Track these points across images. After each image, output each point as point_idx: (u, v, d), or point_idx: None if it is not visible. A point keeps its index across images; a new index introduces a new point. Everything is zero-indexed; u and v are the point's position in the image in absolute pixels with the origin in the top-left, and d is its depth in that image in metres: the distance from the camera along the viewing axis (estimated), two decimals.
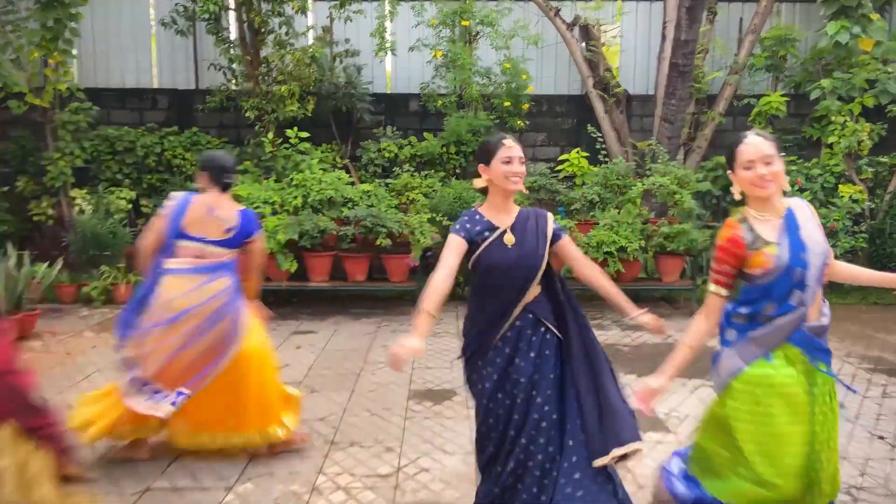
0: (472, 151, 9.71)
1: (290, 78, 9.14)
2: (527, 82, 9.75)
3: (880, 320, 7.61)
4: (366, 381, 5.22)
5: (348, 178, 8.35)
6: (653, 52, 10.84)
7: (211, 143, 10.03)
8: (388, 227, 7.30)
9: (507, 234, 2.81)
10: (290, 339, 6.45)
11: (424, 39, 9.70)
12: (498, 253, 2.78)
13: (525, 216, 2.90)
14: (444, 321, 7.31)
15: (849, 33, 7.66)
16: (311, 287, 7.52)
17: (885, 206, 9.14)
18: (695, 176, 7.98)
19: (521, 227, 2.86)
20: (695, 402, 4.88)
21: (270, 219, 7.40)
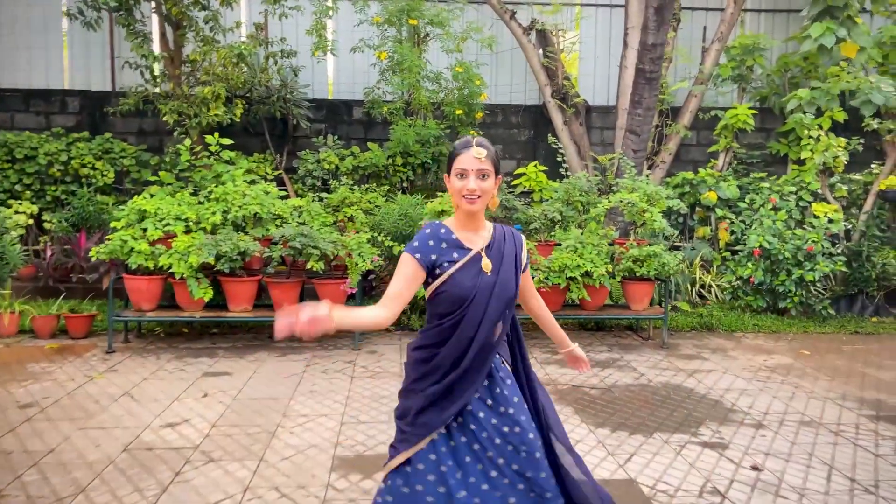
0: (420, 164, 8.81)
1: (216, 79, 8.09)
2: (480, 89, 8.92)
3: (864, 352, 6.94)
4: (280, 445, 4.21)
5: (279, 192, 7.33)
6: (613, 60, 10.16)
7: (126, 151, 8.89)
8: (322, 248, 6.31)
9: (483, 259, 2.32)
10: (197, 384, 5.39)
11: (368, 40, 8.78)
12: (470, 281, 2.27)
13: (500, 234, 2.42)
14: (384, 356, 6.34)
15: (834, 35, 7.02)
16: (229, 318, 6.45)
17: (861, 226, 8.56)
18: (665, 192, 7.22)
19: (498, 249, 2.37)
20: (683, 468, 4.01)
21: (183, 238, 6.33)
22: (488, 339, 2.29)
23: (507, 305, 2.34)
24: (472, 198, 2.25)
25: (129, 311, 6.55)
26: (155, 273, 6.38)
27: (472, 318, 2.26)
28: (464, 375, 2.28)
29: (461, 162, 2.27)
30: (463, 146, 2.29)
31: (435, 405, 2.29)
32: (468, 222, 2.34)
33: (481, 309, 2.27)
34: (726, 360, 6.47)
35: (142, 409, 4.80)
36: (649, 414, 4.94)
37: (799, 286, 7.90)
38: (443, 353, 2.29)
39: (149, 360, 6.03)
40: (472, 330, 2.26)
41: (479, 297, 2.26)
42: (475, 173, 2.25)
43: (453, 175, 2.28)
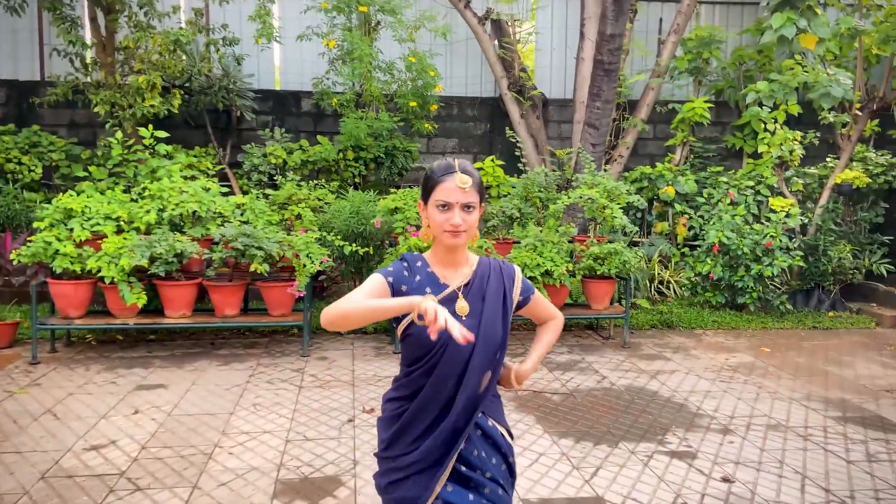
0: (373, 158, 8.44)
1: (151, 67, 7.57)
2: (435, 80, 8.59)
3: (824, 348, 6.87)
4: (217, 469, 3.82)
5: (221, 188, 6.88)
6: (570, 52, 9.94)
7: (55, 145, 8.29)
8: (266, 248, 5.90)
9: (459, 301, 1.94)
10: (128, 399, 4.94)
11: (316, 27, 8.36)
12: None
13: (485, 271, 2.04)
14: (335, 362, 5.98)
15: (795, 26, 6.90)
16: (166, 325, 6.00)
17: (817, 220, 8.53)
18: (625, 188, 7.02)
19: (478, 288, 2.00)
20: (652, 482, 3.78)
21: (113, 239, 5.84)
22: (472, 396, 1.91)
23: (495, 354, 1.96)
24: (455, 233, 1.91)
25: (55, 318, 6.04)
26: (83, 277, 5.89)
27: (446, 369, 1.90)
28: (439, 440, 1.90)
29: (443, 192, 1.90)
30: (444, 171, 1.92)
31: (409, 479, 1.92)
32: (447, 257, 1.99)
33: (460, 359, 1.89)
34: (688, 360, 6.31)
35: (64, 430, 4.36)
36: (614, 420, 4.71)
37: (757, 281, 7.82)
38: (413, 408, 1.93)
39: (76, 372, 5.55)
40: (448, 383, 1.90)
41: (453, 347, 1.86)
42: (460, 207, 1.90)
43: (432, 205, 1.92)
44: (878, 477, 3.90)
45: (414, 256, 2.03)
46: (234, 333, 6.91)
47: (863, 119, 8.50)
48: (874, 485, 3.79)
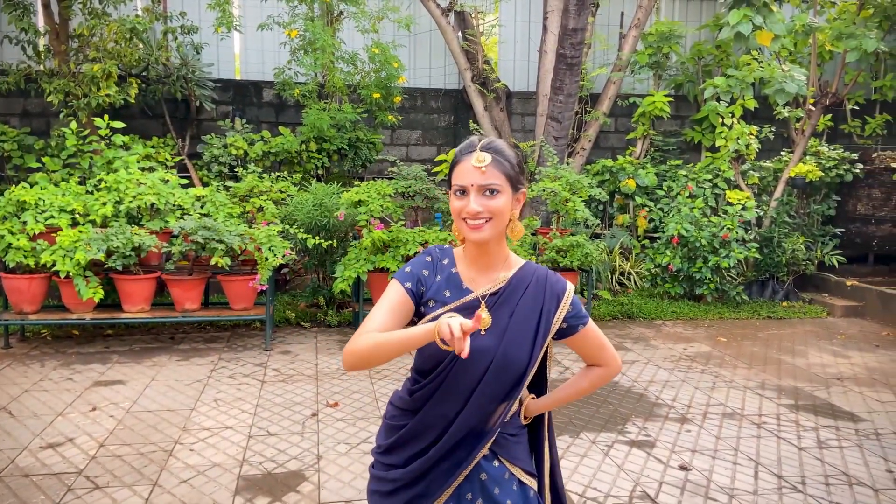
0: (336, 150, 8.37)
1: (106, 55, 7.38)
2: (398, 72, 8.54)
3: (778, 338, 7.07)
4: (178, 466, 3.78)
5: (180, 180, 6.76)
6: (533, 45, 9.99)
7: (7, 135, 8.03)
8: (227, 242, 5.82)
9: (481, 311, 1.43)
10: (85, 395, 4.84)
11: (277, 17, 8.24)
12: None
13: (524, 280, 1.68)
14: (298, 356, 5.95)
15: (751, 23, 7.05)
16: (124, 319, 5.89)
17: (772, 213, 8.75)
18: (587, 181, 7.10)
19: (510, 300, 1.65)
20: (612, 471, 3.85)
21: (68, 232, 5.70)
22: (474, 426, 1.65)
23: (514, 385, 1.64)
24: (475, 222, 1.59)
25: (8, 313, 5.87)
26: (37, 271, 5.74)
27: (452, 389, 1.64)
28: (433, 468, 1.67)
29: (459, 174, 1.62)
30: (464, 151, 1.64)
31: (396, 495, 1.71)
32: (477, 256, 1.68)
33: (469, 380, 1.62)
34: (648, 350, 6.43)
35: (20, 428, 4.25)
36: (576, 411, 4.78)
37: (715, 273, 7.99)
38: (411, 425, 1.70)
39: (32, 369, 5.42)
40: (450, 406, 1.64)
41: (467, 364, 1.58)
42: (476, 189, 1.59)
43: (452, 191, 1.64)
44: (829, 463, 4.04)
45: (443, 251, 1.75)
46: (194, 328, 6.81)
47: (816, 114, 8.73)
48: (824, 470, 3.93)
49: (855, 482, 3.79)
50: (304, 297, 7.54)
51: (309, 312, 7.22)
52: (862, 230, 9.16)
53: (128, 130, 7.55)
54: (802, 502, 3.54)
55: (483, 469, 1.68)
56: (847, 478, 3.84)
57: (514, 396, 1.66)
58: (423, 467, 1.66)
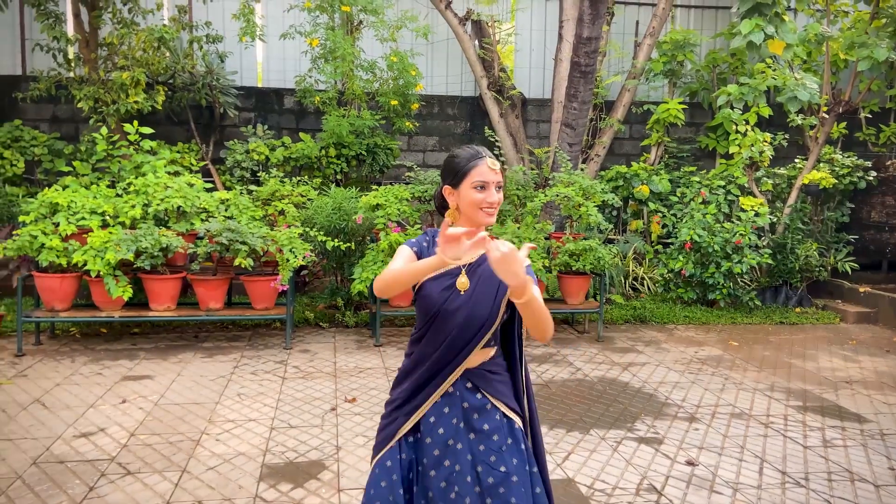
0: (354, 155, 8.58)
1: (135, 63, 7.65)
2: (416, 79, 8.74)
3: (789, 343, 7.15)
4: (205, 454, 3.97)
5: (205, 184, 6.99)
6: (549, 52, 10.16)
7: (37, 140, 8.33)
8: (250, 243, 6.03)
9: (461, 276, 2.11)
10: (115, 389, 5.06)
11: (299, 26, 8.47)
12: (438, 294, 2.11)
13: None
14: (317, 355, 6.13)
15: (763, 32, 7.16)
16: (151, 317, 6.11)
17: (785, 219, 8.82)
18: (600, 186, 7.24)
19: (480, 270, 2.14)
20: (620, 465, 3.99)
21: (99, 233, 5.94)
22: (448, 361, 2.11)
23: (480, 328, 2.10)
24: (491, 210, 2.12)
25: (40, 311, 6.12)
26: (68, 270, 5.98)
27: (437, 335, 2.12)
28: (420, 387, 2.15)
29: (480, 174, 2.11)
30: (474, 157, 2.13)
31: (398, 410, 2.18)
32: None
33: (449, 328, 2.10)
34: (659, 353, 6.54)
35: (53, 418, 4.47)
36: (586, 409, 4.92)
37: (727, 278, 8.09)
38: (408, 363, 2.21)
39: (62, 364, 5.65)
40: (435, 347, 2.12)
41: (448, 316, 2.09)
42: (494, 185, 2.12)
43: (469, 187, 2.11)
44: (833, 461, 4.14)
45: (436, 232, 2.17)
46: (217, 327, 7.03)
47: (829, 122, 8.81)
48: (828, 468, 4.04)
49: (857, 478, 3.89)
50: (322, 299, 7.74)
51: (327, 313, 7.42)
52: (876, 237, 9.21)
53: (154, 136, 7.80)
54: (804, 496, 3.65)
55: (466, 399, 2.14)
56: (850, 474, 3.94)
57: (478, 340, 2.11)
58: (412, 387, 2.16)
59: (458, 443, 2.09)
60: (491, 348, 2.16)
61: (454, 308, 2.09)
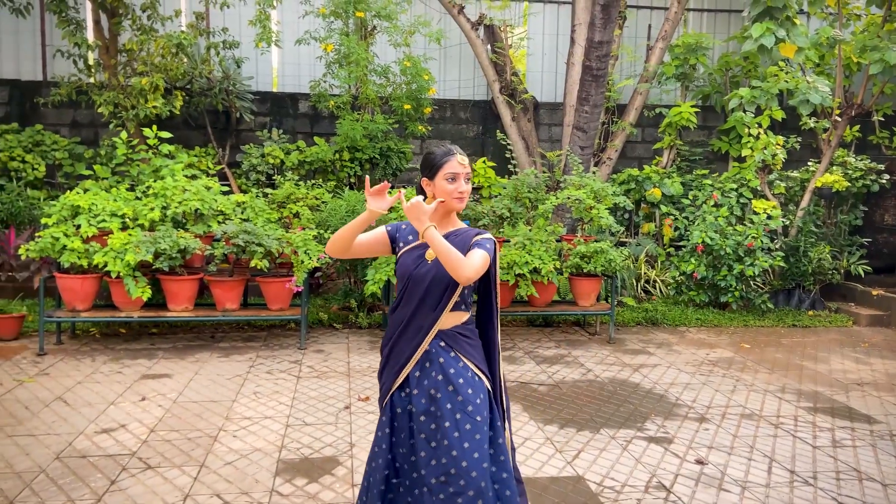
0: (368, 159, 8.69)
1: (154, 69, 7.81)
2: (429, 84, 8.84)
3: (802, 345, 7.16)
4: (223, 450, 4.07)
5: (221, 187, 7.11)
6: (561, 56, 10.23)
7: (58, 144, 8.51)
8: (266, 245, 6.15)
9: (429, 249, 2.51)
10: (135, 387, 5.18)
11: (314, 32, 8.61)
12: (412, 263, 2.54)
13: (459, 234, 2.58)
14: (331, 355, 6.23)
15: (774, 36, 7.20)
16: (169, 318, 6.23)
17: (798, 222, 8.83)
18: (611, 189, 7.29)
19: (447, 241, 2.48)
20: (630, 464, 4.04)
21: (119, 235, 6.07)
22: (423, 321, 2.50)
23: (443, 293, 2.48)
24: (461, 197, 2.50)
25: (61, 311, 6.26)
26: (89, 271, 6.12)
27: (411, 298, 2.52)
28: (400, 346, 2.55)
29: (450, 167, 2.48)
30: (447, 154, 2.50)
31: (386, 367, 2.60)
32: (442, 219, 2.56)
33: (420, 291, 2.50)
34: (671, 355, 6.58)
35: (75, 415, 4.59)
36: (596, 410, 4.97)
37: (739, 281, 8.10)
38: (389, 327, 2.61)
39: (83, 363, 5.78)
40: (411, 309, 2.52)
41: (418, 280, 2.50)
42: (463, 176, 2.50)
43: (442, 179, 2.49)
44: (841, 460, 4.17)
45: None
46: (233, 327, 7.15)
47: (842, 125, 8.80)
48: (836, 467, 4.07)
49: (865, 478, 3.92)
50: (336, 300, 7.84)
51: (341, 315, 7.51)
52: (889, 240, 9.18)
53: (172, 140, 7.96)
54: (812, 495, 3.69)
55: (441, 355, 2.52)
56: (858, 473, 3.97)
57: (447, 300, 2.50)
58: (394, 347, 2.56)
59: (439, 392, 2.47)
60: (463, 313, 2.56)
61: (423, 272, 2.49)
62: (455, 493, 2.36)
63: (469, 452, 2.39)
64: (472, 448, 2.39)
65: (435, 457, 2.41)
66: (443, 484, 2.37)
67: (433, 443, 2.44)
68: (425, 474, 2.42)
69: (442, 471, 2.38)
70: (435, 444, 2.43)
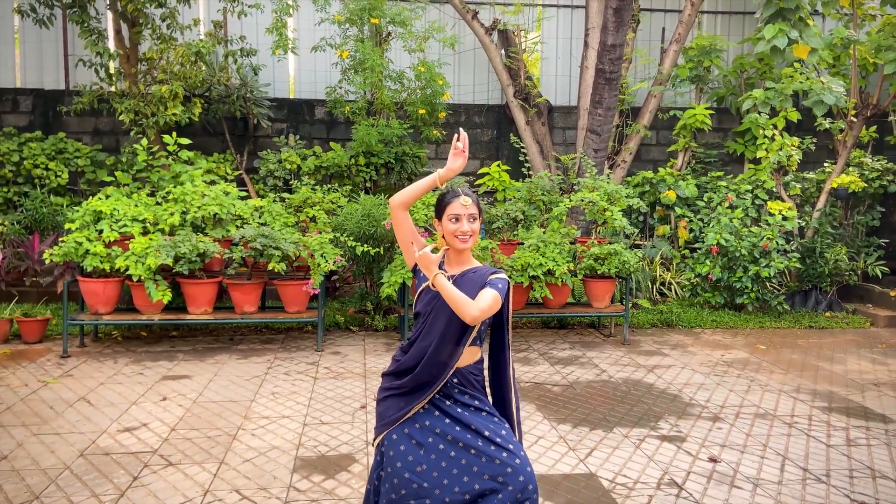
0: (383, 164, 8.79)
1: (173, 77, 7.97)
2: (443, 89, 8.93)
3: (818, 346, 7.13)
4: (242, 448, 4.16)
5: (239, 193, 7.24)
6: (575, 60, 10.28)
7: (80, 151, 8.70)
8: (283, 249, 6.25)
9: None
10: (156, 388, 5.29)
11: (329, 39, 8.73)
12: (428, 298, 2.59)
13: (474, 271, 2.63)
14: (347, 357, 6.31)
15: (786, 37, 7.20)
16: (189, 321, 6.35)
17: (814, 223, 8.79)
18: (625, 191, 7.32)
19: (462, 280, 2.60)
20: (642, 461, 4.08)
21: (140, 239, 6.21)
22: (441, 356, 2.52)
23: (462, 330, 2.51)
24: (464, 238, 2.58)
25: (84, 314, 6.40)
26: (111, 275, 6.26)
27: (430, 333, 2.55)
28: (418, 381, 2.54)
29: (453, 209, 2.57)
30: (452, 196, 2.60)
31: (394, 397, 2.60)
32: (454, 257, 2.65)
33: (438, 326, 2.53)
34: (685, 356, 6.59)
35: (98, 414, 4.70)
36: (610, 409, 5.00)
37: (755, 282, 8.09)
38: (407, 358, 2.60)
39: (105, 365, 5.91)
40: (429, 343, 2.54)
41: (436, 315, 2.54)
42: (466, 217, 2.57)
43: (446, 219, 2.59)
44: (855, 459, 4.18)
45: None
46: (251, 330, 7.26)
47: (857, 125, 8.76)
48: (850, 465, 4.07)
49: (879, 475, 3.92)
50: (352, 303, 7.93)
51: (357, 317, 7.60)
52: None
53: (191, 147, 8.10)
54: (825, 492, 3.70)
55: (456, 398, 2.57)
56: (871, 472, 3.98)
57: (465, 340, 2.53)
58: (411, 382, 2.55)
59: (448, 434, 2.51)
60: (478, 349, 2.62)
61: (441, 308, 2.52)
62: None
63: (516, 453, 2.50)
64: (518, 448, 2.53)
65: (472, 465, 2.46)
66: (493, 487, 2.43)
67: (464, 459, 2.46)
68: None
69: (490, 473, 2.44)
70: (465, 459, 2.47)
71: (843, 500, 3.62)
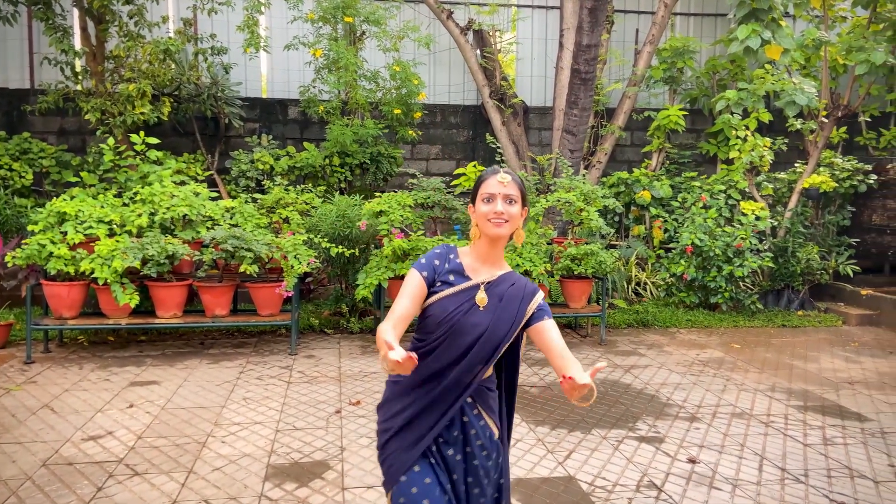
0: (358, 164, 8.68)
1: (141, 75, 7.78)
2: (419, 89, 8.85)
3: (791, 345, 7.18)
4: (211, 456, 4.03)
5: (210, 193, 7.08)
6: (550, 61, 10.27)
7: (45, 152, 8.46)
8: (255, 250, 6.11)
9: (479, 292, 2.14)
10: (123, 394, 5.13)
11: (302, 37, 8.60)
12: (456, 309, 2.13)
13: (511, 279, 2.21)
14: (322, 360, 6.20)
15: (759, 38, 7.25)
16: (158, 325, 6.19)
17: (786, 223, 8.87)
18: (601, 192, 7.30)
19: (500, 290, 2.18)
20: (621, 463, 4.03)
21: (106, 241, 6.03)
22: (462, 379, 2.13)
23: (495, 350, 2.13)
24: (498, 220, 2.13)
25: (49, 319, 6.20)
26: (76, 279, 6.06)
27: (449, 349, 2.12)
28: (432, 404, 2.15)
29: (487, 186, 2.17)
30: (489, 173, 2.21)
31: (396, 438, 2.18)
32: (485, 252, 2.20)
33: (463, 343, 2.11)
34: (661, 356, 6.58)
35: (62, 422, 4.54)
36: (588, 411, 4.96)
37: (729, 282, 8.13)
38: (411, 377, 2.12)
39: (71, 371, 5.73)
40: (447, 362, 2.12)
41: (467, 331, 2.11)
42: (502, 197, 2.14)
43: (479, 200, 2.17)
44: (832, 458, 4.18)
45: (449, 248, 2.24)
46: (223, 333, 7.10)
47: (828, 126, 8.86)
48: (827, 464, 4.07)
49: (857, 475, 3.93)
50: (327, 306, 7.81)
51: (332, 320, 7.48)
52: (877, 240, 9.24)
53: (160, 147, 7.91)
54: (804, 492, 3.69)
55: (465, 413, 2.19)
56: (849, 471, 3.98)
57: (492, 360, 2.15)
58: (422, 405, 2.15)
59: (457, 454, 2.19)
60: (491, 364, 2.20)
61: (474, 322, 2.11)
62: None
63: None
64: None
65: None
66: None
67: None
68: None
69: None
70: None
71: (822, 501, 3.61)
